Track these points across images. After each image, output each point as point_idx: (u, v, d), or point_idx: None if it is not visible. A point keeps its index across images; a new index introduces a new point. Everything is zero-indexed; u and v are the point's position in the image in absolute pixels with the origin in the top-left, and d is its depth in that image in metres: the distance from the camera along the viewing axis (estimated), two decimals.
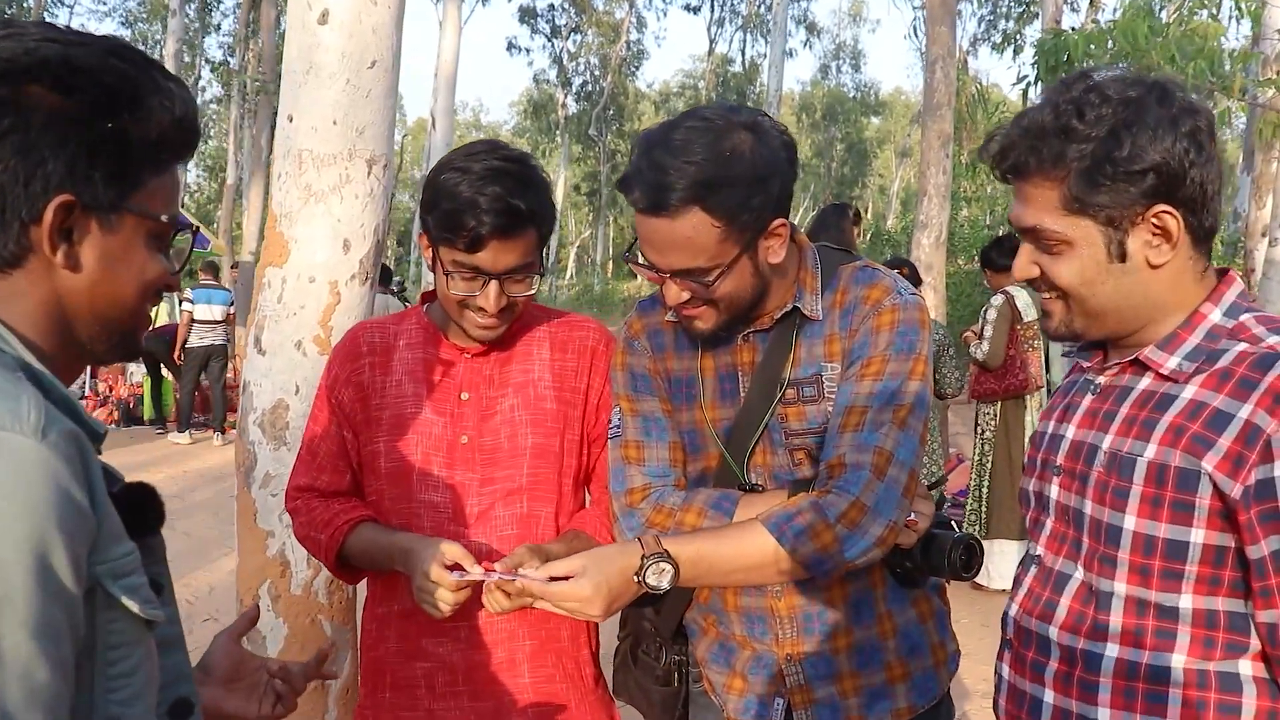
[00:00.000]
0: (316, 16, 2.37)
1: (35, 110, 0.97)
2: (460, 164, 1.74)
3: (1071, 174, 1.27)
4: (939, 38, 8.17)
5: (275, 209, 2.47)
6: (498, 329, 1.81)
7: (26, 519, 0.85)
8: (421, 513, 1.86)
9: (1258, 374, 1.22)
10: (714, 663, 1.88)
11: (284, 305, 2.46)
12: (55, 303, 1.02)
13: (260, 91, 20.83)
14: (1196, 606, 1.25)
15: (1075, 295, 1.34)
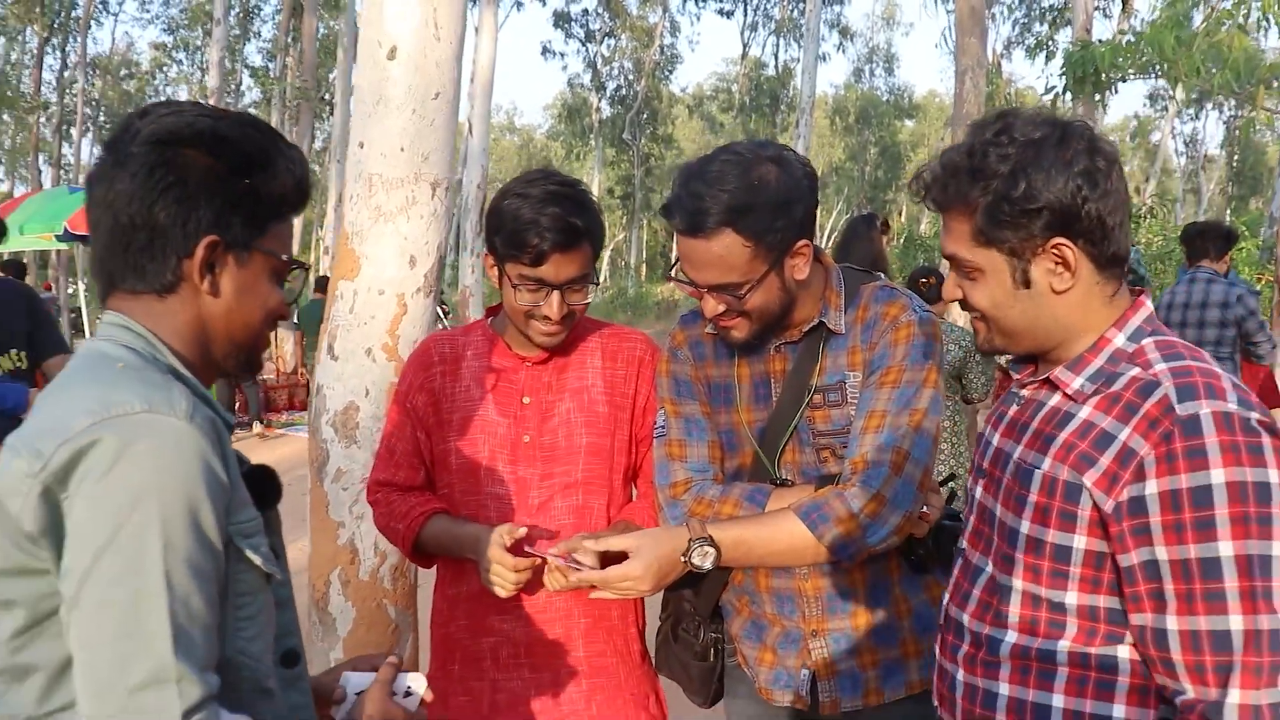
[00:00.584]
0: (386, 52, 2.60)
1: (191, 169, 1.23)
2: (520, 190, 1.96)
3: (978, 210, 1.40)
4: (968, 48, 8.30)
5: (347, 227, 2.70)
6: (560, 335, 2.03)
7: (183, 483, 1.11)
8: (489, 504, 2.08)
9: (1140, 400, 1.34)
10: (747, 639, 2.08)
11: (355, 315, 2.69)
12: (199, 323, 1.29)
13: (302, 98, 21.10)
14: (1080, 602, 1.37)
15: (990, 316, 1.47)
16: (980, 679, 1.46)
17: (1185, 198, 46.65)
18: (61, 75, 35.06)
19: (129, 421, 1.10)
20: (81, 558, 1.07)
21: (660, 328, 30.60)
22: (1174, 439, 1.27)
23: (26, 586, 1.12)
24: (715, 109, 48.29)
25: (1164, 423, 1.29)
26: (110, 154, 1.25)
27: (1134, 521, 1.29)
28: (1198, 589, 1.25)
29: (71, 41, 34.59)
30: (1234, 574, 1.23)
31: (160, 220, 1.23)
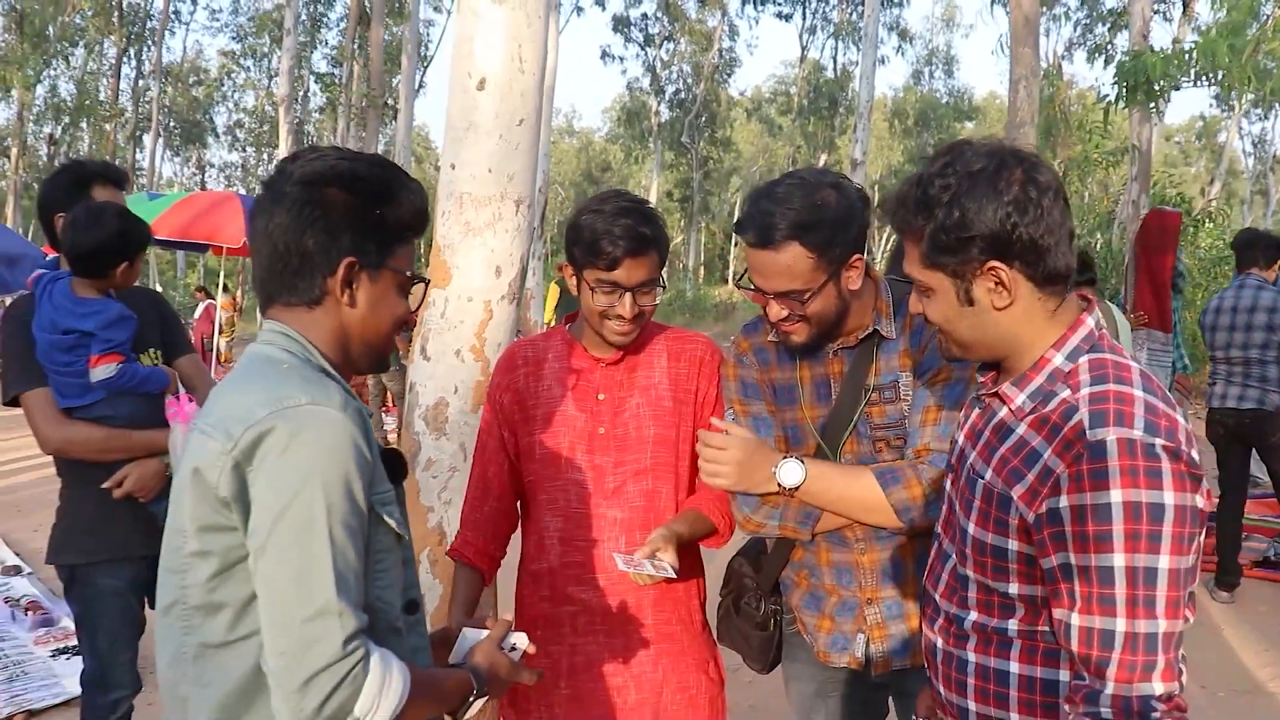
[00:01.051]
0: (475, 83, 2.89)
1: (334, 204, 1.54)
2: (596, 207, 2.24)
3: (923, 237, 1.55)
4: (1022, 58, 8.44)
5: (439, 240, 3.00)
6: (632, 333, 2.29)
7: (340, 461, 1.41)
8: (570, 489, 2.35)
9: (1062, 423, 1.47)
10: (806, 609, 2.34)
11: (446, 320, 2.99)
12: (341, 329, 1.60)
13: (370, 104, 21.61)
14: (1022, 592, 1.55)
15: (943, 329, 1.63)
16: (954, 648, 1.67)
17: (1253, 200, 45.79)
18: (136, 84, 36.11)
19: (298, 412, 1.40)
20: (265, 520, 1.37)
21: (718, 329, 30.78)
22: (1083, 460, 1.42)
23: (220, 540, 1.42)
24: (774, 112, 48.26)
25: (1077, 445, 1.43)
26: (268, 193, 1.56)
27: (1051, 530, 1.45)
28: (1094, 592, 1.41)
29: (146, 51, 35.63)
30: (1123, 582, 1.39)
31: (309, 246, 1.52)
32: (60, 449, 2.94)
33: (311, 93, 36.60)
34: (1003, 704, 1.60)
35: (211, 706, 1.44)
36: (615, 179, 56.31)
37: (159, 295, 3.45)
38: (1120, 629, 1.39)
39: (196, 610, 1.45)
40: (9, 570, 6.53)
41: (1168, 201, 15.23)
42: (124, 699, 3.06)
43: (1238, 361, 6.06)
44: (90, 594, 2.99)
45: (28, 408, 2.90)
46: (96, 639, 3.01)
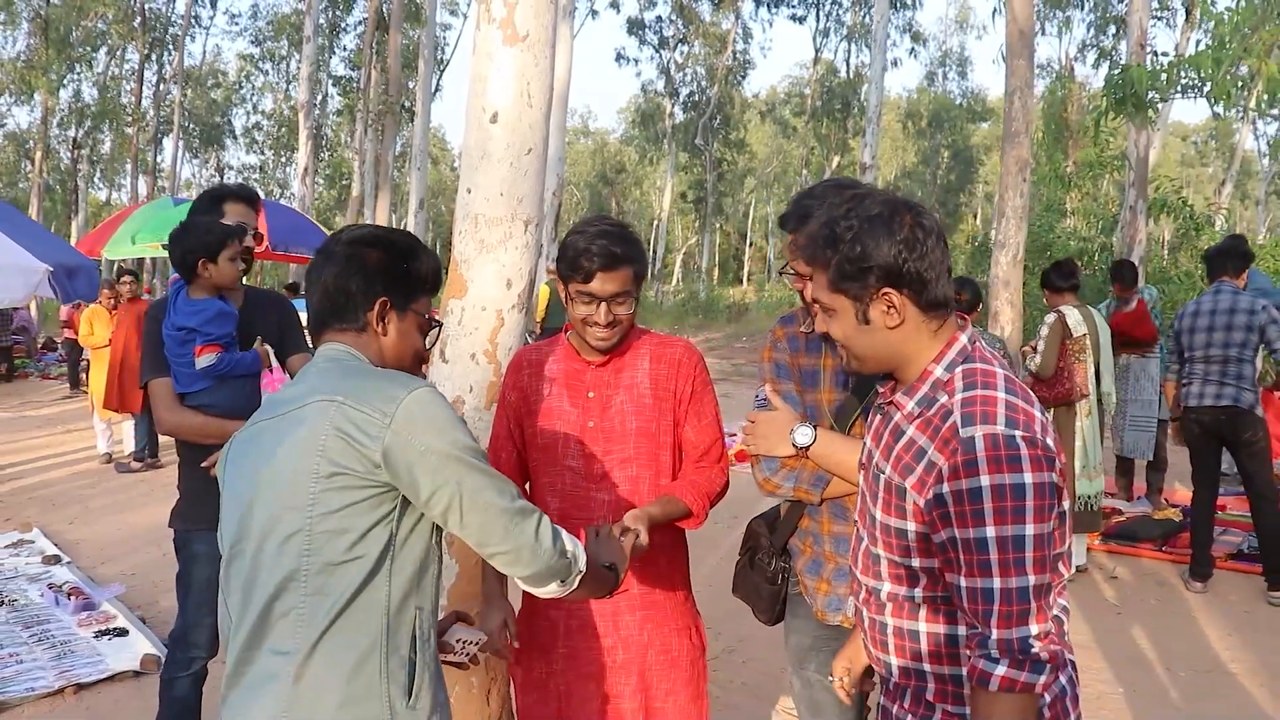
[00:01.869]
0: (489, 117, 3.25)
1: (371, 259, 2.03)
2: (579, 229, 2.62)
3: (830, 266, 1.84)
4: (1018, 70, 8.71)
5: (456, 255, 3.35)
6: (610, 339, 2.62)
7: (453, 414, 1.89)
8: (565, 474, 2.71)
9: (941, 423, 1.78)
10: (808, 573, 2.71)
11: (462, 327, 3.34)
12: (378, 352, 2.05)
13: (387, 111, 21.95)
14: (922, 564, 1.85)
15: (844, 345, 1.91)
16: (875, 614, 2.00)
17: (1268, 200, 45.74)
18: (157, 88, 36.60)
19: (420, 391, 1.85)
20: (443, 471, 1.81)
21: (731, 330, 31.07)
22: (958, 454, 1.72)
23: (356, 481, 1.81)
24: (788, 113, 48.48)
25: (953, 442, 1.74)
26: (321, 254, 2.04)
27: (938, 511, 1.76)
28: (974, 559, 1.72)
29: (167, 55, 36.13)
30: (995, 549, 1.70)
31: (353, 289, 1.99)
32: (171, 430, 3.46)
33: (330, 96, 37.02)
34: (917, 657, 1.94)
35: (323, 612, 1.83)
36: (630, 180, 56.68)
37: (284, 300, 3.95)
38: (996, 586, 1.71)
39: (322, 534, 1.82)
40: (49, 560, 6.90)
41: (1171, 205, 15.47)
42: (200, 658, 3.49)
43: (1216, 360, 6.28)
44: (187, 557, 3.45)
45: (152, 394, 3.42)
46: (187, 599, 3.47)
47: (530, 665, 2.78)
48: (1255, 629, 5.74)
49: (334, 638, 1.83)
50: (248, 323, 3.52)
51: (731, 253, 60.05)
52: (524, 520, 1.87)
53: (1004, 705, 1.73)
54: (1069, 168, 20.79)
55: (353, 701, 1.82)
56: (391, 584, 1.84)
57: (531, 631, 2.77)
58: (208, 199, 3.68)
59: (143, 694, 4.69)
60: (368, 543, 1.81)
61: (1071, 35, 33.00)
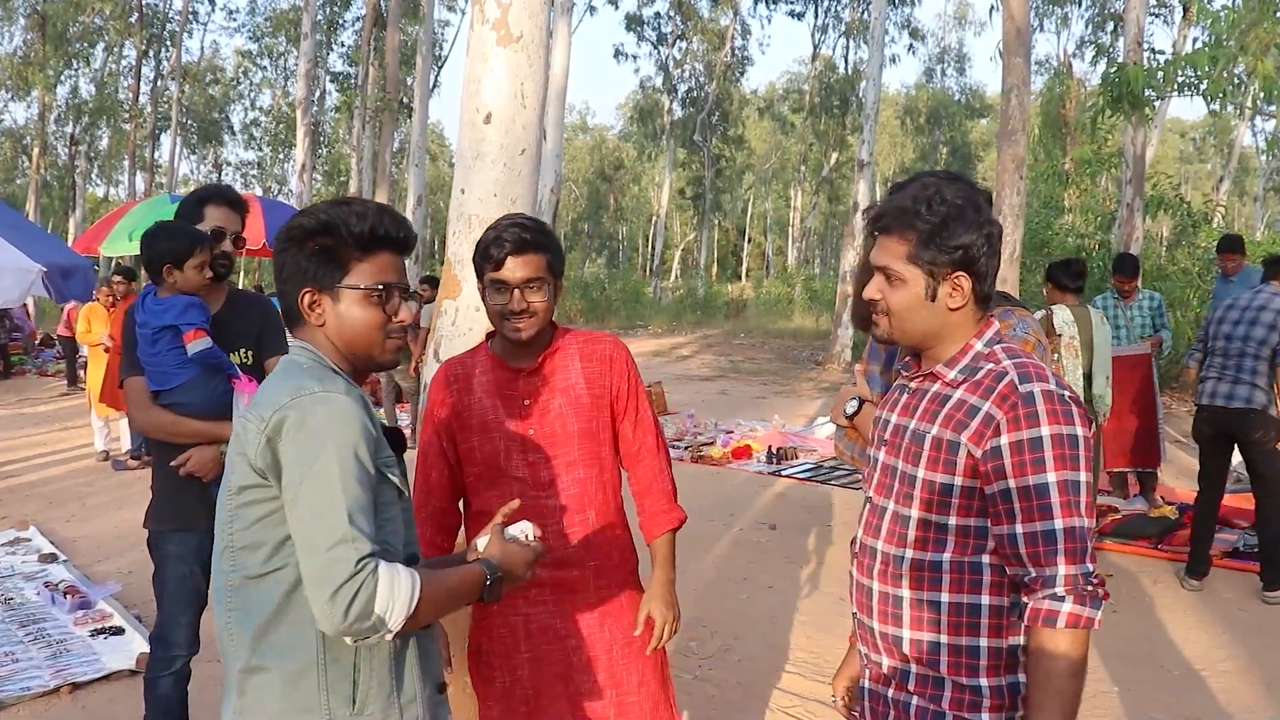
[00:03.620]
0: (483, 118, 3.26)
1: (289, 252, 1.94)
2: (494, 225, 2.61)
3: (916, 239, 1.93)
4: (1014, 68, 8.72)
5: (450, 256, 3.36)
6: (527, 329, 2.57)
7: (347, 429, 1.80)
8: (512, 485, 2.66)
9: (995, 383, 1.90)
10: None
11: (456, 327, 3.35)
12: (325, 342, 1.98)
13: (385, 109, 21.93)
14: (958, 523, 1.93)
15: (897, 315, 1.99)
16: (890, 587, 2.04)
17: (1266, 197, 45.79)
18: (155, 84, 36.57)
19: (311, 397, 1.79)
20: (294, 479, 1.76)
21: (728, 327, 31.02)
22: (1018, 407, 1.86)
23: (259, 494, 1.81)
24: (786, 110, 48.48)
25: (1012, 397, 1.87)
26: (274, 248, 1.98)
27: (994, 463, 1.86)
28: (1035, 504, 1.84)
29: (165, 51, 36.10)
30: (1056, 493, 1.83)
31: (284, 288, 1.94)
32: (143, 429, 3.51)
33: (327, 92, 36.99)
34: (935, 628, 1.98)
35: (249, 625, 1.85)
36: (628, 177, 56.65)
37: (265, 301, 3.88)
38: (1059, 526, 1.84)
39: (241, 550, 1.85)
40: (46, 558, 6.91)
41: (1168, 203, 15.48)
42: (180, 657, 3.50)
43: (1234, 355, 6.24)
44: (161, 556, 3.48)
45: (126, 392, 3.45)
46: (163, 598, 3.49)
47: (491, 676, 2.77)
48: (1249, 628, 5.75)
49: (267, 651, 1.85)
50: (228, 324, 3.49)
51: (730, 249, 60.02)
52: (337, 571, 1.69)
53: (1068, 642, 1.83)
54: (1067, 164, 20.81)
55: (290, 713, 1.83)
56: None
57: (490, 640, 2.76)
58: (191, 201, 3.65)
59: (139, 693, 4.67)
60: (284, 554, 1.81)
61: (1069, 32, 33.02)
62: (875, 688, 2.11)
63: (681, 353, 23.97)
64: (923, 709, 2.00)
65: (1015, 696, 1.95)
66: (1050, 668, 1.84)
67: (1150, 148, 14.85)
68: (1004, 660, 1.95)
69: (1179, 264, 16.67)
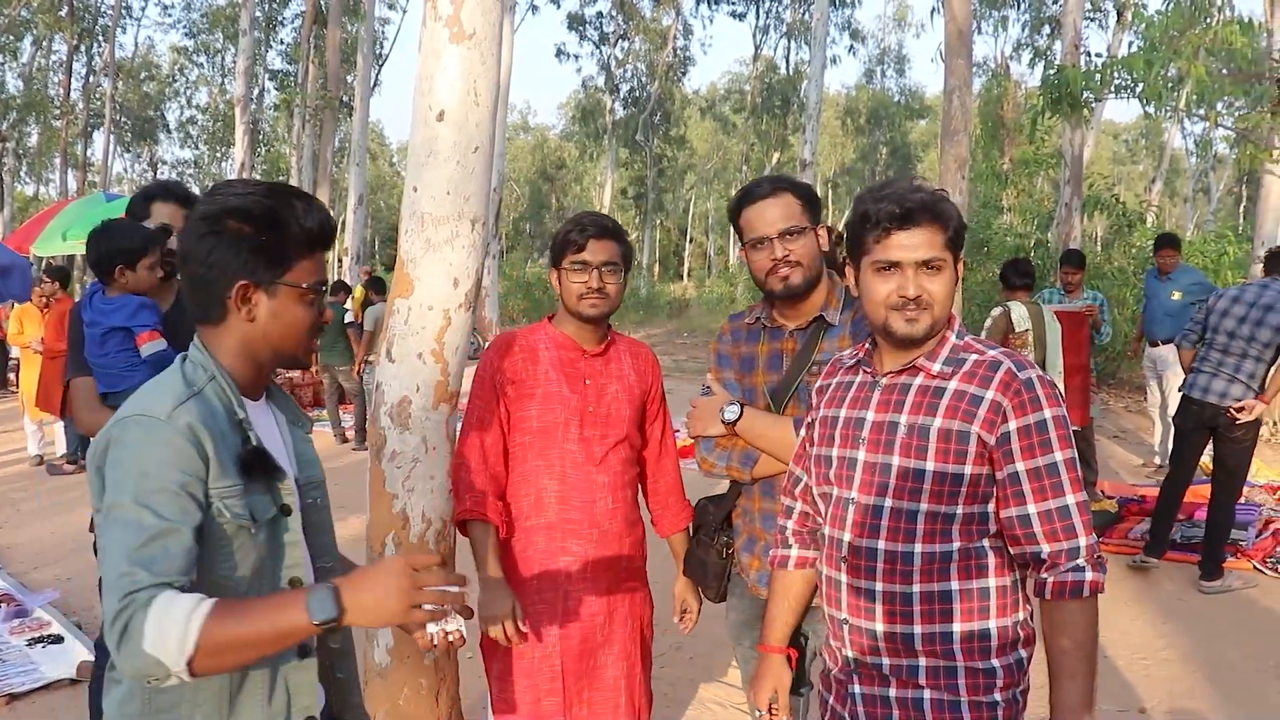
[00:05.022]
0: (435, 115, 3.22)
1: (225, 235, 1.75)
2: (572, 218, 2.84)
3: (950, 226, 1.98)
4: (956, 69, 8.83)
5: (403, 255, 3.32)
6: (602, 306, 2.80)
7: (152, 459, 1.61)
8: (565, 457, 2.82)
9: (991, 374, 1.97)
10: (744, 551, 2.84)
11: (409, 326, 3.31)
12: (244, 341, 1.81)
13: (327, 106, 21.66)
14: (964, 511, 1.98)
15: (939, 303, 1.99)
16: (898, 585, 2.03)
17: (1196, 198, 46.84)
18: (87, 80, 35.79)
19: (125, 422, 1.65)
20: (100, 506, 1.65)
21: (671, 326, 31.10)
22: (1022, 393, 1.95)
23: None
24: (728, 110, 48.65)
25: (1014, 384, 1.95)
26: (185, 226, 1.78)
27: (1004, 448, 1.95)
28: (1047, 483, 1.93)
29: (96, 47, 35.34)
30: (1065, 471, 1.94)
31: (210, 274, 1.74)
32: (90, 430, 3.33)
33: (266, 90, 36.46)
34: (947, 619, 2.02)
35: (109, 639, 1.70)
36: (570, 176, 56.52)
37: None
38: (1071, 501, 1.95)
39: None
40: None
41: (1104, 202, 15.76)
42: None
43: (1235, 354, 6.27)
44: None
45: (72, 393, 3.35)
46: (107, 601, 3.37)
47: (521, 652, 2.82)
48: (1189, 617, 5.88)
49: (112, 672, 1.75)
50: (178, 324, 3.38)
51: (672, 249, 60.12)
52: (109, 606, 1.54)
53: (1089, 608, 1.95)
54: (1005, 165, 21.10)
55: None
56: None
57: (527, 611, 2.81)
58: (139, 197, 3.57)
59: (79, 702, 4.58)
60: None
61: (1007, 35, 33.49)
62: (870, 690, 2.10)
63: None
64: (937, 700, 2.02)
65: (1020, 672, 2.03)
66: (1080, 636, 1.94)
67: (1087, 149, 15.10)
68: (1010, 638, 2.03)
69: (1115, 263, 16.99)
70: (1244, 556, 6.77)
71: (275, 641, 1.57)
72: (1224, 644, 5.44)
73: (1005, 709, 2.00)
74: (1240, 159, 8.64)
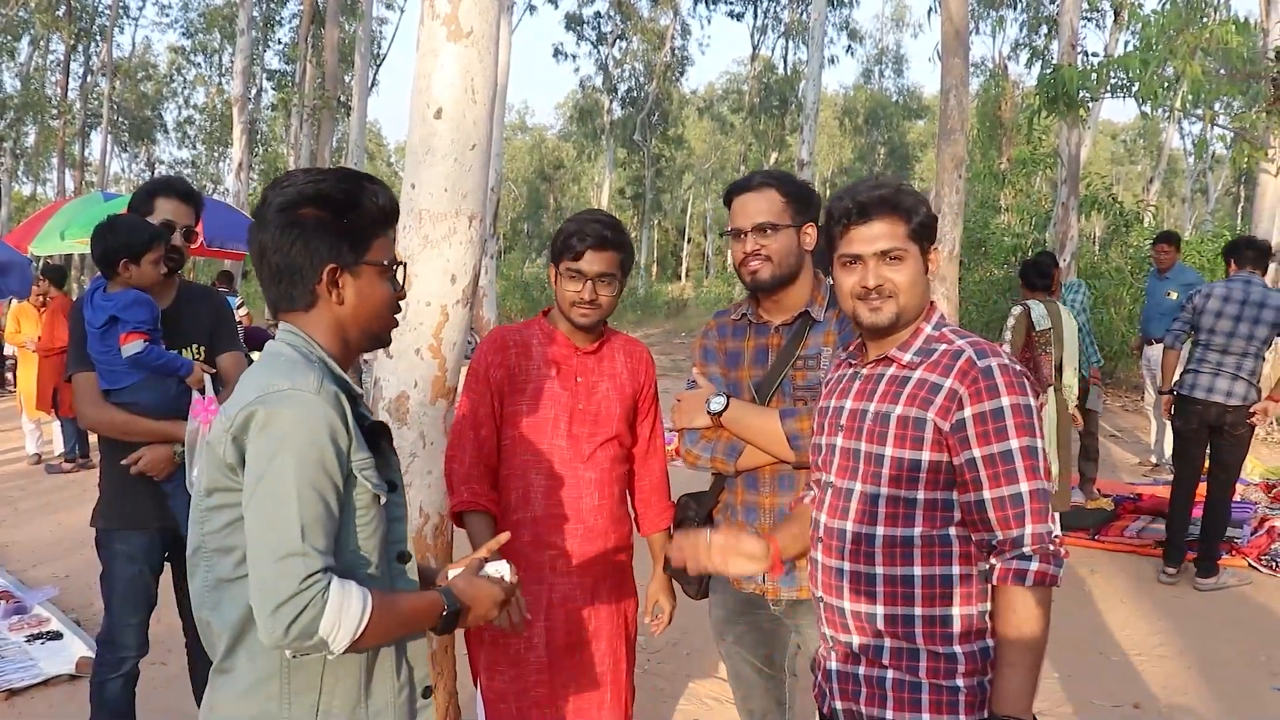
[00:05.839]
0: (433, 113, 3.24)
1: (307, 223, 1.82)
2: (575, 217, 2.82)
3: (914, 217, 2.07)
4: (953, 68, 8.85)
5: (401, 251, 3.34)
6: (592, 316, 2.80)
7: (311, 431, 1.70)
8: (554, 452, 2.83)
9: (953, 362, 2.03)
10: None
11: (407, 323, 3.32)
12: (336, 324, 1.88)
13: (325, 106, 21.65)
14: (926, 497, 2.04)
15: (904, 292, 2.07)
16: (863, 565, 2.09)
17: (1194, 198, 46.86)
18: (85, 80, 35.78)
19: (278, 395, 1.71)
20: (250, 480, 1.69)
21: (669, 326, 31.09)
22: (978, 380, 1.98)
23: (228, 498, 1.76)
24: (726, 110, 48.65)
25: (971, 372, 2.00)
26: (256, 222, 1.84)
27: (959, 435, 1.99)
28: (1000, 470, 1.96)
29: (94, 47, 35.32)
30: (1020, 458, 1.96)
31: (296, 262, 1.81)
32: (92, 426, 3.40)
33: (264, 90, 36.44)
34: (909, 601, 2.06)
35: (225, 626, 1.80)
36: (568, 176, 56.49)
37: (217, 295, 3.84)
38: (1024, 489, 1.97)
39: (214, 552, 1.80)
40: None
41: (1102, 202, 15.78)
42: (129, 658, 3.42)
43: (1233, 353, 6.26)
44: (107, 556, 3.40)
45: (75, 388, 3.36)
46: (111, 599, 3.40)
47: (507, 643, 2.83)
48: (1183, 614, 5.91)
49: (237, 653, 1.81)
50: (179, 319, 3.44)
51: (670, 249, 60.08)
52: (282, 586, 1.62)
53: (1034, 598, 1.95)
54: (1003, 165, 21.12)
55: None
56: None
57: None
58: (142, 193, 3.59)
59: (78, 698, 4.60)
60: None
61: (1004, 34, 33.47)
62: (844, 668, 2.16)
63: None
64: (899, 680, 2.06)
65: (985, 660, 2.04)
66: (1020, 624, 1.95)
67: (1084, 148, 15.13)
68: (974, 626, 2.04)
69: (1112, 262, 17.02)
70: (1239, 554, 6.80)
71: (412, 627, 1.88)
72: (1218, 641, 5.47)
73: (967, 694, 2.03)
74: (1236, 158, 8.65)
